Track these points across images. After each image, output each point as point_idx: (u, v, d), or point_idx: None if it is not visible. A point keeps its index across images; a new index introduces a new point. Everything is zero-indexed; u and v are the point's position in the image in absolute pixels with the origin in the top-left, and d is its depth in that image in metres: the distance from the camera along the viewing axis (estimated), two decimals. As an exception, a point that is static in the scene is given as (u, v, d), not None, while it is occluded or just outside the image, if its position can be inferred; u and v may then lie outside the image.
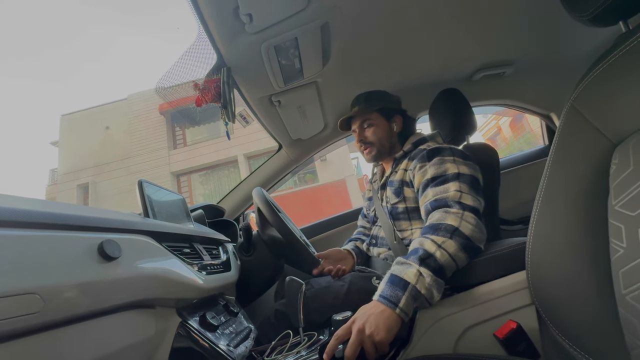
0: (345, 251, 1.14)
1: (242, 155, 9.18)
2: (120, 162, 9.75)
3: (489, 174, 0.98)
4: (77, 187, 9.72)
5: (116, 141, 9.89)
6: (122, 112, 10.12)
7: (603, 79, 0.47)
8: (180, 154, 9.71)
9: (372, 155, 1.07)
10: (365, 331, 0.58)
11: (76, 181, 9.73)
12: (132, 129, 9.91)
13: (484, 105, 1.62)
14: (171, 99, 0.96)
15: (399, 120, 1.07)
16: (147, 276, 0.51)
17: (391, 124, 1.07)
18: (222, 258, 0.90)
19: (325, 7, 0.80)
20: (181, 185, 9.58)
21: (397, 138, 1.07)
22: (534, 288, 0.60)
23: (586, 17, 0.47)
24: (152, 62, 61.21)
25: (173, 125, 10.13)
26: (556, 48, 1.29)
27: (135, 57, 59.32)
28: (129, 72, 56.25)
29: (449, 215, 0.72)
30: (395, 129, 1.06)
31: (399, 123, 1.07)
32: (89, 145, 9.89)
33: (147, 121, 9.98)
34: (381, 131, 1.05)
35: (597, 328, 0.48)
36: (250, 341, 0.78)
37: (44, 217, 0.40)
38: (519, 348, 0.58)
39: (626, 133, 0.45)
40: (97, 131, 10.08)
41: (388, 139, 1.06)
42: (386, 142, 1.06)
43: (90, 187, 9.69)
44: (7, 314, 0.31)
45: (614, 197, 0.45)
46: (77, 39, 43.58)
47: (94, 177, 9.78)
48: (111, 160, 9.76)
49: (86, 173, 9.79)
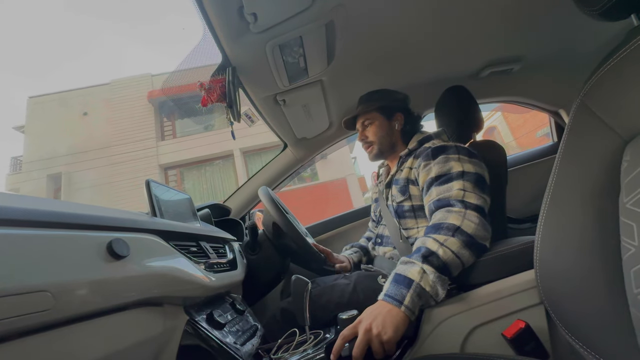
0: (342, 257, 1.14)
1: (239, 149, 8.60)
2: (99, 151, 8.77)
3: (496, 171, 0.97)
4: (48, 177, 8.72)
5: (95, 129, 8.84)
6: (103, 97, 9.03)
7: (614, 74, 0.46)
8: (168, 146, 8.81)
9: (373, 153, 1.07)
10: (373, 331, 0.58)
11: (46, 170, 8.69)
12: (115, 117, 8.89)
13: (490, 102, 1.60)
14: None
15: (400, 117, 1.06)
16: (155, 274, 0.52)
17: (392, 122, 1.06)
18: (229, 257, 0.91)
19: (329, 6, 0.79)
20: (169, 179, 8.84)
21: (399, 136, 1.07)
22: (543, 287, 0.59)
23: (596, 12, 0.46)
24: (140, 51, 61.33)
25: (161, 116, 9.29)
26: (565, 43, 1.27)
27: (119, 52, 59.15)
28: (112, 62, 55.85)
29: (451, 214, 0.72)
30: (396, 126, 1.06)
31: (400, 121, 1.06)
32: (62, 132, 8.86)
33: (133, 109, 8.97)
34: (381, 130, 1.05)
35: (607, 328, 0.47)
36: (256, 339, 0.79)
37: (54, 217, 0.40)
38: (527, 348, 0.58)
39: (638, 129, 0.44)
40: (72, 117, 9.01)
41: (388, 137, 1.06)
42: (386, 140, 1.05)
43: (63, 177, 8.69)
44: (19, 311, 0.32)
45: (625, 195, 0.44)
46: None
47: (67, 166, 8.71)
48: (89, 149, 8.74)
49: (58, 162, 8.72)
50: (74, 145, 8.82)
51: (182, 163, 8.86)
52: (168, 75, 0.94)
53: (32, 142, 9.04)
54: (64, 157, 8.80)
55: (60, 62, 43.71)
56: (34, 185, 8.69)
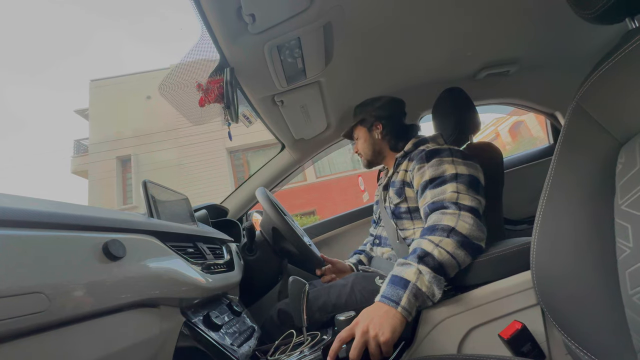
0: (348, 265, 1.15)
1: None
2: (166, 133, 8.82)
3: (492, 173, 0.98)
4: (117, 159, 8.84)
5: (159, 112, 8.69)
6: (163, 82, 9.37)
7: (609, 77, 0.46)
8: (234, 129, 9.01)
9: (364, 164, 1.15)
10: (370, 332, 0.58)
11: (114, 152, 8.78)
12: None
13: (487, 104, 1.61)
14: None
15: (379, 126, 1.09)
16: (151, 276, 0.52)
17: (372, 132, 1.10)
18: (226, 258, 0.90)
19: (327, 7, 0.80)
20: (234, 162, 8.89)
21: (384, 142, 1.09)
22: (539, 288, 0.60)
23: (592, 15, 0.47)
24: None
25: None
26: (561, 46, 1.28)
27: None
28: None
29: (446, 216, 0.72)
30: (377, 136, 1.09)
31: (379, 129, 1.09)
32: (125, 115, 8.92)
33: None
34: (363, 142, 1.11)
35: (603, 329, 0.47)
36: (253, 340, 0.79)
37: (49, 217, 0.40)
38: (524, 349, 0.58)
39: (633, 132, 0.44)
40: (136, 100, 9.04)
41: (372, 147, 1.10)
42: (370, 150, 1.10)
43: (132, 158, 8.81)
44: (13, 312, 0.32)
45: (620, 197, 0.44)
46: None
47: (135, 148, 8.82)
48: (155, 131, 8.77)
49: (125, 144, 8.83)
50: (139, 128, 8.93)
51: (248, 147, 8.85)
52: (166, 75, 0.93)
53: (97, 125, 9.11)
54: (130, 139, 8.88)
55: (60, 57, 44.07)
56: (103, 167, 8.76)
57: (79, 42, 44.10)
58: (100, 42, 40.24)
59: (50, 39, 69.12)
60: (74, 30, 43.99)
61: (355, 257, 1.21)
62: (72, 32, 43.50)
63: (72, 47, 45.41)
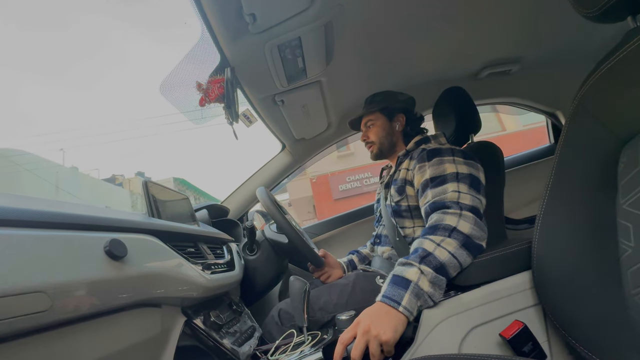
0: (338, 262, 1.16)
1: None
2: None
3: (493, 172, 0.98)
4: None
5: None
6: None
7: (611, 76, 0.46)
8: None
9: (374, 153, 1.11)
10: (372, 332, 0.58)
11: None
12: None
13: (489, 103, 1.60)
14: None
15: (401, 119, 1.08)
16: (152, 275, 0.52)
17: (393, 123, 1.08)
18: (226, 257, 0.91)
19: (328, 6, 0.80)
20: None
21: (400, 136, 1.09)
22: (540, 288, 0.60)
23: (593, 14, 0.46)
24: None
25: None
26: (563, 45, 1.28)
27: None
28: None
29: (447, 215, 0.72)
30: (397, 127, 1.08)
31: (401, 122, 1.08)
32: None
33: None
34: (381, 130, 1.08)
35: (605, 328, 0.47)
36: (254, 340, 0.79)
37: (51, 217, 0.40)
38: (525, 348, 0.58)
39: (634, 131, 0.44)
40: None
41: (388, 138, 1.08)
42: (386, 140, 1.08)
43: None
44: (15, 312, 0.32)
45: (622, 196, 0.44)
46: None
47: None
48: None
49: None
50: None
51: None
52: (165, 76, 0.93)
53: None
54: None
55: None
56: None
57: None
58: (89, 26, 39.46)
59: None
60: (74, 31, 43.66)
61: (348, 257, 1.21)
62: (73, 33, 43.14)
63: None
